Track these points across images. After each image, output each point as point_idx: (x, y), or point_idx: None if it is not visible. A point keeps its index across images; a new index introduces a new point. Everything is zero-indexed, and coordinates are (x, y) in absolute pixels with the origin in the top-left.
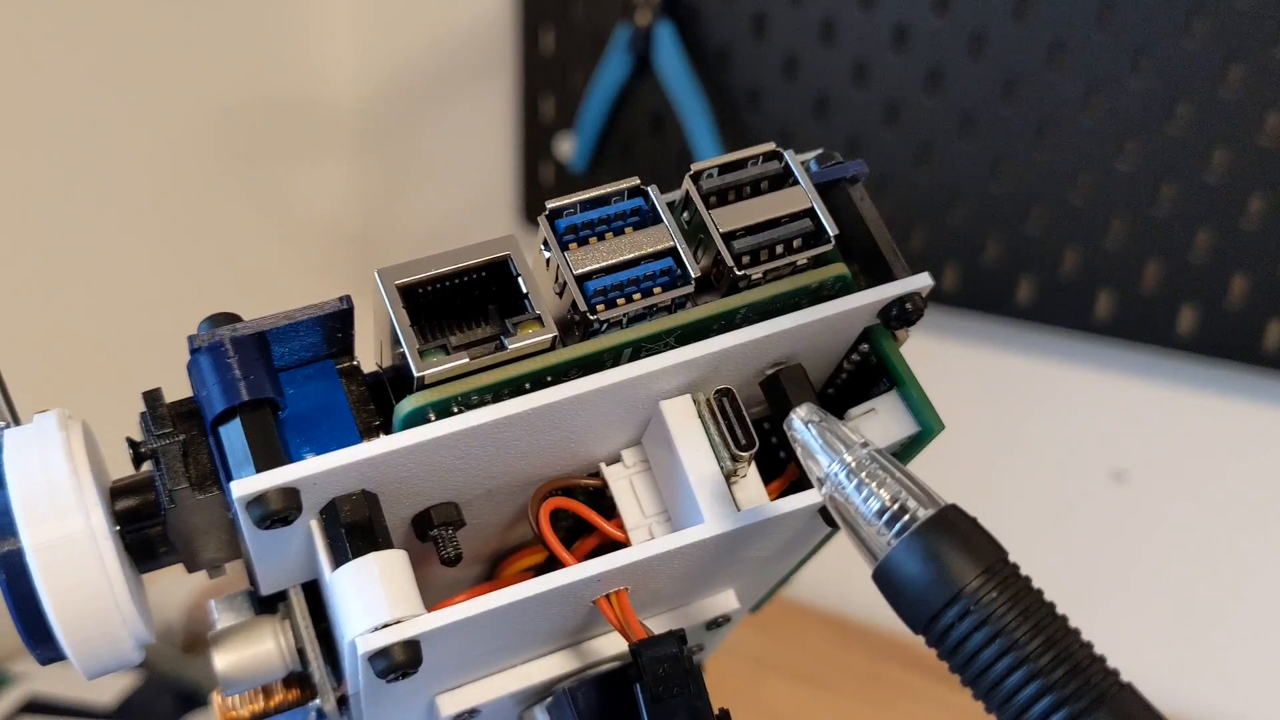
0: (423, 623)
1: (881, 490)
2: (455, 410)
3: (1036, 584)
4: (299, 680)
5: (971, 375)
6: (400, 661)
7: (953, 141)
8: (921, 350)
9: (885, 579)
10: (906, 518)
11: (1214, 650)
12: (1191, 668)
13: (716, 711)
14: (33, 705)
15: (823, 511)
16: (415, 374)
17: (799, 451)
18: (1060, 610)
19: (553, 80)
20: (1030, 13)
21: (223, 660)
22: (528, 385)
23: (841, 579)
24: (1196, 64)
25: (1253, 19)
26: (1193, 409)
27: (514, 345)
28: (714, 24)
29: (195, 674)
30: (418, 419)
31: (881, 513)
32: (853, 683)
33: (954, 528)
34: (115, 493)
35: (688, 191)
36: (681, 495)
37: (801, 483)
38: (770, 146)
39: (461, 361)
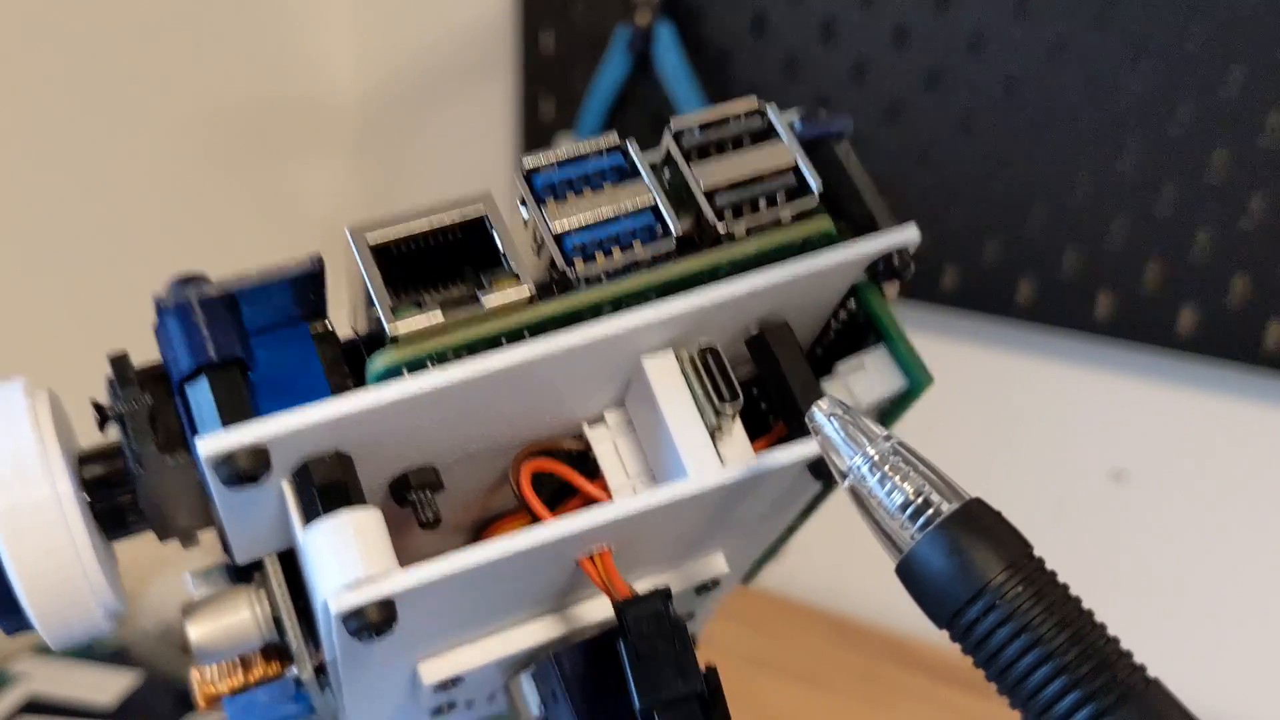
0: (398, 580)
1: (905, 483)
2: (429, 367)
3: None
4: (278, 653)
5: (971, 375)
6: (374, 619)
7: (953, 141)
8: (921, 350)
9: (909, 573)
10: (930, 511)
11: (1213, 650)
12: (1191, 667)
13: (703, 669)
14: (33, 705)
15: (811, 466)
16: (388, 331)
17: (820, 444)
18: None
19: (553, 80)
20: (1030, 13)
21: (196, 630)
22: (504, 341)
23: (838, 578)
24: (1196, 64)
25: (1253, 19)
26: (1193, 409)
27: (490, 301)
28: (714, 24)
29: None
30: (391, 376)
31: (905, 506)
32: (849, 682)
33: (978, 521)
34: (84, 460)
35: (668, 149)
36: (665, 452)
37: (788, 440)
38: (752, 102)
39: (435, 315)
